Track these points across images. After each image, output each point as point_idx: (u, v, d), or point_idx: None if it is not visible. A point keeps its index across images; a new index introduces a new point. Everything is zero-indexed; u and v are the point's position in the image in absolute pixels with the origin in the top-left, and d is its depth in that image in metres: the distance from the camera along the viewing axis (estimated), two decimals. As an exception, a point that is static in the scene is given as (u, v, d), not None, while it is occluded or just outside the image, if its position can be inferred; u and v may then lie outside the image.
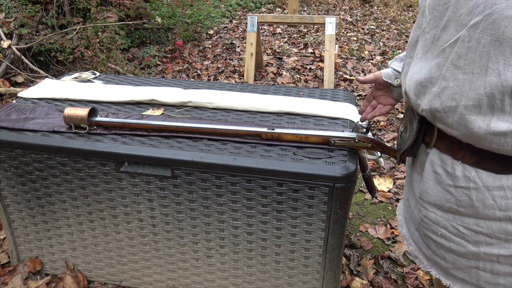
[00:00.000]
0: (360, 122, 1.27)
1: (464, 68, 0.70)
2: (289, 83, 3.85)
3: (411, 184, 0.96)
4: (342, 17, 6.59)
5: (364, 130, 1.25)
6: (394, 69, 1.09)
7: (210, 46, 4.93)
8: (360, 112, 1.23)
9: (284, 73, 4.08)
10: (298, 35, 5.53)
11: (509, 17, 0.62)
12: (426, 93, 0.79)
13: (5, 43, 3.23)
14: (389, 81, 1.10)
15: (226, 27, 5.88)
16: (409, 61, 0.87)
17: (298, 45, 5.10)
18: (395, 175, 2.35)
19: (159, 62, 4.28)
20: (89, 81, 1.81)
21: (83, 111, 1.33)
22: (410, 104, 0.87)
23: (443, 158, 0.82)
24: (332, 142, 1.23)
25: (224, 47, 4.92)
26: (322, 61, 4.31)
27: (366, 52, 4.72)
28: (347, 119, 1.45)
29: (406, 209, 1.01)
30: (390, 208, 2.10)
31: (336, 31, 5.32)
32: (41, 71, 3.42)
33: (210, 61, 4.44)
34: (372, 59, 4.48)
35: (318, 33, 5.53)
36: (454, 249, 0.85)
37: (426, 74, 0.78)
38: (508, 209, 0.74)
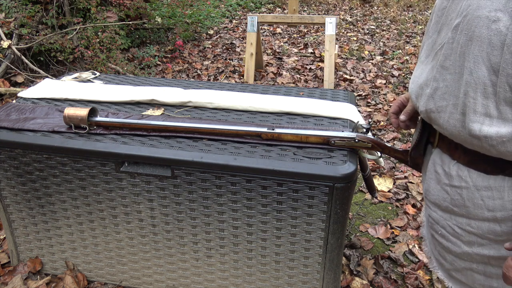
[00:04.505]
0: (360, 122, 1.27)
1: (450, 69, 0.73)
2: (289, 83, 3.85)
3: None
4: (342, 17, 6.59)
5: (364, 130, 1.25)
6: None
7: (210, 46, 4.93)
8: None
9: (284, 73, 4.08)
10: (298, 35, 5.53)
11: (478, 17, 0.66)
12: (422, 95, 0.81)
13: (5, 43, 3.23)
14: None
15: (226, 27, 5.88)
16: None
17: (298, 45, 5.10)
18: (395, 175, 2.35)
19: (159, 62, 4.28)
20: (89, 81, 1.81)
21: (83, 111, 1.33)
22: (414, 106, 0.89)
23: (443, 158, 0.83)
24: (332, 142, 1.23)
25: (224, 47, 4.92)
26: (322, 61, 4.31)
27: (366, 52, 4.72)
28: (347, 119, 1.45)
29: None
30: (390, 208, 2.10)
31: (336, 31, 5.33)
32: (41, 71, 3.42)
33: (210, 61, 4.44)
34: (372, 59, 4.48)
35: (318, 33, 5.52)
36: (451, 250, 0.86)
37: (424, 78, 0.81)
38: (495, 209, 0.75)
